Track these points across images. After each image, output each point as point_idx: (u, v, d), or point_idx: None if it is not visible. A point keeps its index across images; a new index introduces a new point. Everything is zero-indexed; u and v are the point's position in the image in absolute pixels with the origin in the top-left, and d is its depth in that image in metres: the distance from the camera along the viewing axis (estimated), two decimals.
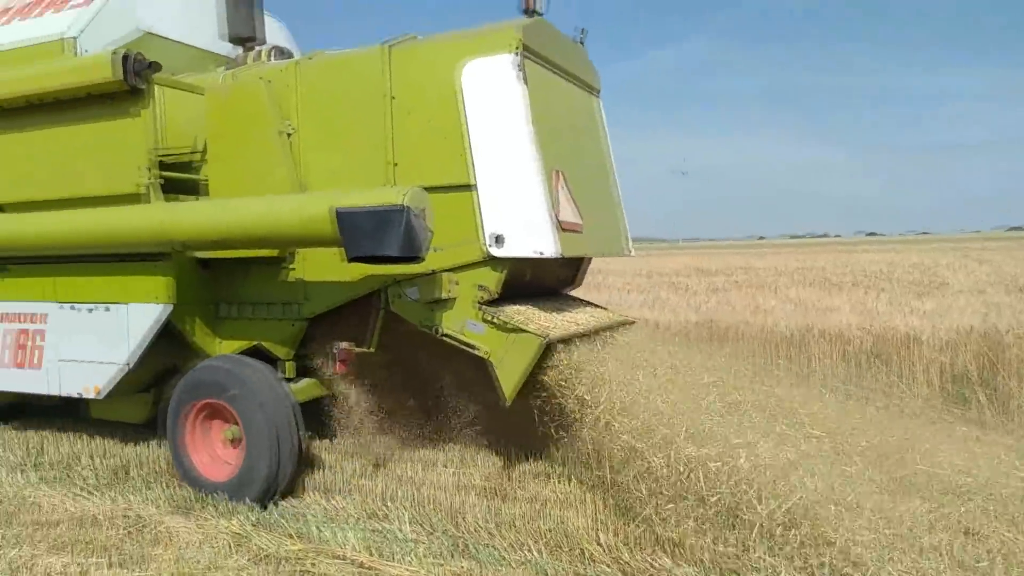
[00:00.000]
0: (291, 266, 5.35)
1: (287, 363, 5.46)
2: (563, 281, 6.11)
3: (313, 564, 4.01)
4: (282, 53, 6.10)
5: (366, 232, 4.36)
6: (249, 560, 4.07)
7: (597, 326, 5.33)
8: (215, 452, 5.13)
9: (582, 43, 5.80)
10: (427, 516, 4.58)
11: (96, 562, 4.08)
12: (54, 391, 5.61)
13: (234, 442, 5.01)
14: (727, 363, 5.89)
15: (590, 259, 6.07)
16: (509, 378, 4.72)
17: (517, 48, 4.76)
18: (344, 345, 4.97)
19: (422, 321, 5.03)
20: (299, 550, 4.16)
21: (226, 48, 6.45)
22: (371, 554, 4.09)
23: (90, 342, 5.45)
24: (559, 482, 5.13)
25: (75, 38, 5.63)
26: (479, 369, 4.94)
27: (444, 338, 4.96)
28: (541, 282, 5.63)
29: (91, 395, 5.46)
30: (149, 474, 5.51)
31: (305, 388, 5.37)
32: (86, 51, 5.59)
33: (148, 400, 5.83)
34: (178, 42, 6.31)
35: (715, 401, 4.79)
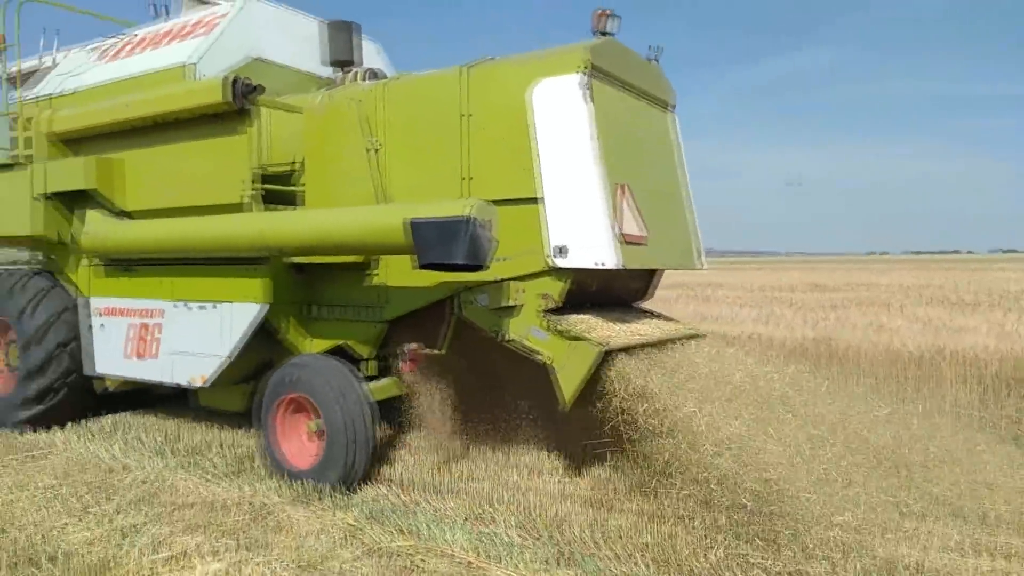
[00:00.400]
0: (374, 272, 5.76)
1: (369, 362, 5.89)
2: (635, 293, 6.21)
3: (422, 560, 4.13)
4: (375, 75, 6.55)
5: (435, 241, 4.68)
6: (362, 552, 4.25)
7: (662, 337, 5.41)
8: (301, 442, 5.57)
9: (656, 60, 5.92)
10: (532, 522, 4.64)
11: (226, 543, 4.33)
12: (167, 379, 6.28)
13: (317, 434, 5.43)
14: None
15: (661, 272, 6.15)
16: (569, 384, 4.91)
17: (584, 68, 4.95)
18: (412, 346, 5.33)
19: (490, 327, 5.30)
20: (408, 546, 4.31)
21: (328, 71, 6.98)
22: (477, 555, 4.16)
23: (198, 336, 6.07)
24: (666, 497, 4.87)
25: (195, 64, 6.30)
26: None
27: (509, 344, 5.21)
28: (611, 293, 5.77)
29: (198, 384, 6.08)
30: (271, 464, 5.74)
31: (384, 387, 5.74)
32: (203, 76, 6.24)
33: (247, 391, 6.39)
34: (285, 66, 6.91)
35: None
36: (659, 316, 6.16)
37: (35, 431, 6.83)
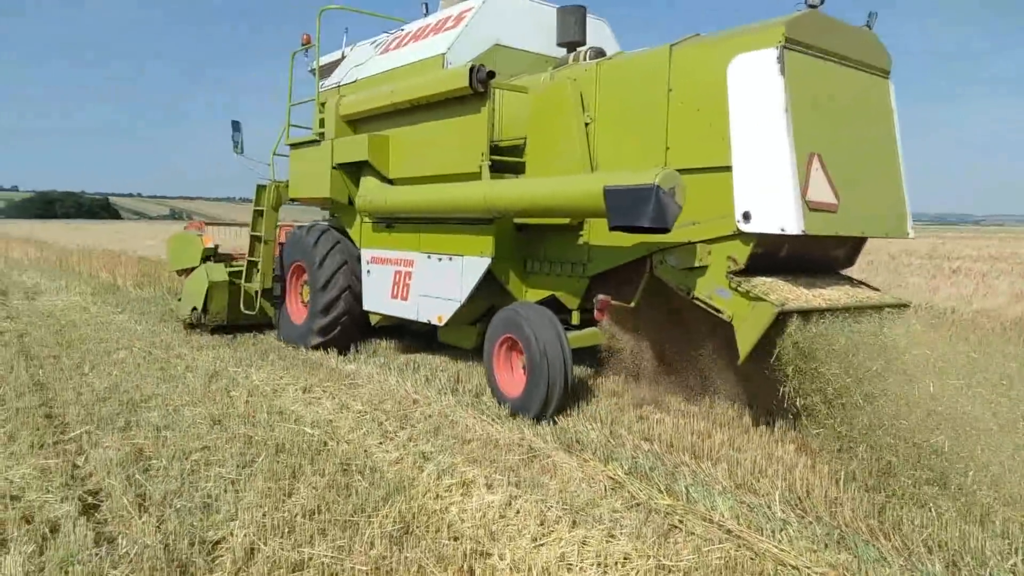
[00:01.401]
0: (580, 234, 6.50)
1: (574, 312, 6.68)
2: (839, 260, 6.25)
3: (682, 521, 4.11)
4: (599, 53, 7.18)
5: (625, 206, 5.28)
6: (623, 505, 4.33)
7: (850, 304, 5.46)
8: (514, 375, 6.52)
9: (870, 27, 5.87)
10: (801, 500, 4.40)
11: (501, 478, 4.64)
12: (417, 317, 7.61)
13: (525, 369, 6.33)
14: None
15: (864, 240, 6.12)
16: (746, 341, 5.26)
17: (780, 42, 5.17)
18: (602, 296, 5.99)
19: (679, 285, 5.79)
20: (668, 505, 4.31)
21: (560, 51, 7.77)
22: (742, 524, 4.05)
23: (440, 283, 7.30)
24: (962, 495, 4.26)
25: (446, 54, 7.44)
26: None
27: (695, 301, 5.67)
28: (812, 260, 5.91)
29: (438, 323, 7.32)
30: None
31: (584, 336, 6.49)
32: (452, 64, 7.35)
33: (477, 331, 7.50)
34: (522, 50, 7.82)
35: None
36: (861, 284, 6.14)
37: (327, 351, 8.54)
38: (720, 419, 6.03)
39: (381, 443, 5.44)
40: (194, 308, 9.78)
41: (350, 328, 8.61)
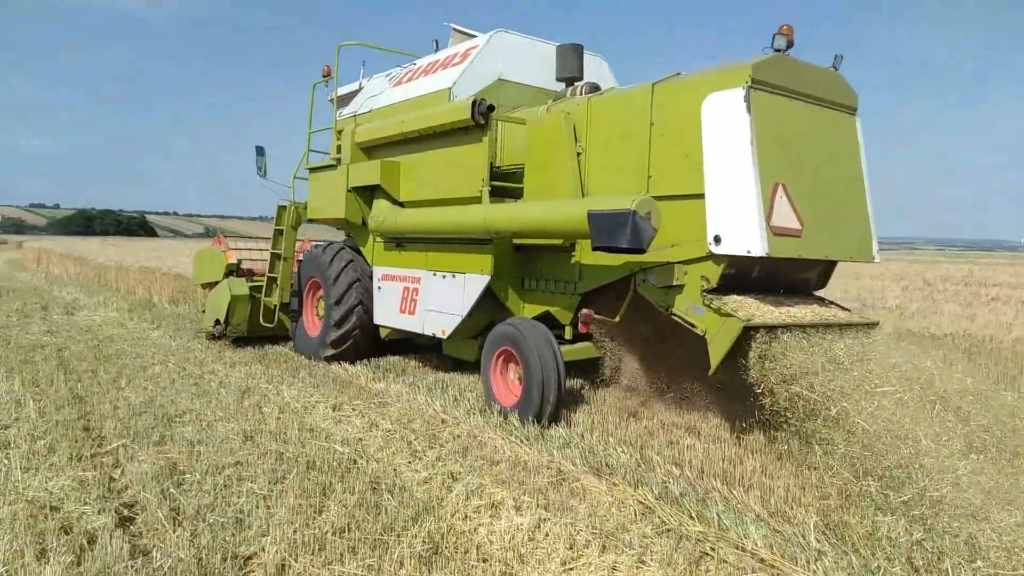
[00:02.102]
0: (572, 253, 7.03)
1: (567, 328, 7.18)
2: (812, 282, 6.68)
3: (713, 549, 4.02)
4: (593, 88, 7.74)
5: (606, 229, 5.81)
6: (652, 530, 4.25)
7: (815, 321, 5.88)
8: (509, 385, 7.04)
9: (835, 68, 6.35)
10: (834, 529, 4.28)
11: (530, 501, 4.60)
12: (423, 331, 8.17)
13: (520, 380, 6.83)
14: None
15: (834, 264, 6.55)
16: (716, 353, 5.73)
17: (746, 83, 5.68)
18: (585, 311, 6.50)
19: (659, 302, 6.28)
20: (699, 532, 4.22)
21: (560, 85, 8.33)
22: (773, 552, 3.96)
23: (444, 298, 7.86)
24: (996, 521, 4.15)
25: (451, 88, 8.05)
26: None
27: (673, 316, 6.16)
28: (785, 281, 6.36)
29: (441, 336, 7.87)
30: (570, 435, 6.12)
31: (577, 349, 6.99)
32: (456, 97, 7.96)
33: (478, 344, 8.02)
34: (523, 84, 8.42)
35: None
36: (832, 305, 6.56)
37: (339, 364, 9.14)
38: (752, 445, 5.99)
39: (410, 462, 5.50)
40: (217, 320, 10.43)
41: (361, 341, 9.20)
